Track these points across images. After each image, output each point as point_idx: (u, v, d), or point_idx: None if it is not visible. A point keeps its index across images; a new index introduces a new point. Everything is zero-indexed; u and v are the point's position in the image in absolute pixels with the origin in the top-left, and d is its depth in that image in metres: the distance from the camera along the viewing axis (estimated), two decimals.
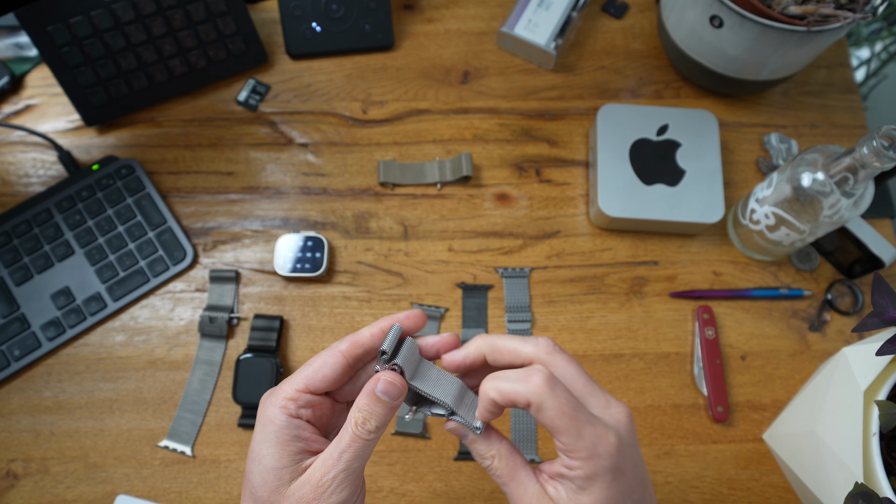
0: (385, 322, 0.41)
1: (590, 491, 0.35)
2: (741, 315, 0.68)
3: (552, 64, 0.75)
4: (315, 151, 0.73)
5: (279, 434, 0.37)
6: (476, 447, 0.39)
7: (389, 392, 0.38)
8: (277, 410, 0.38)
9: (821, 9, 0.59)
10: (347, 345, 0.40)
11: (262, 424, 0.38)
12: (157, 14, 0.70)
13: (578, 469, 0.35)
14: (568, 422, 0.35)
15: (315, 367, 0.39)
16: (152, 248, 0.68)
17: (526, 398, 0.35)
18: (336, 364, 0.39)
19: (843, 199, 0.56)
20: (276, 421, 0.37)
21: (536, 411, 0.35)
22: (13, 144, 0.73)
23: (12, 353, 0.64)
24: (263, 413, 0.38)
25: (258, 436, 0.38)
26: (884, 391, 0.48)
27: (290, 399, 0.38)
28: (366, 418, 0.37)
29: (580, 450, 0.35)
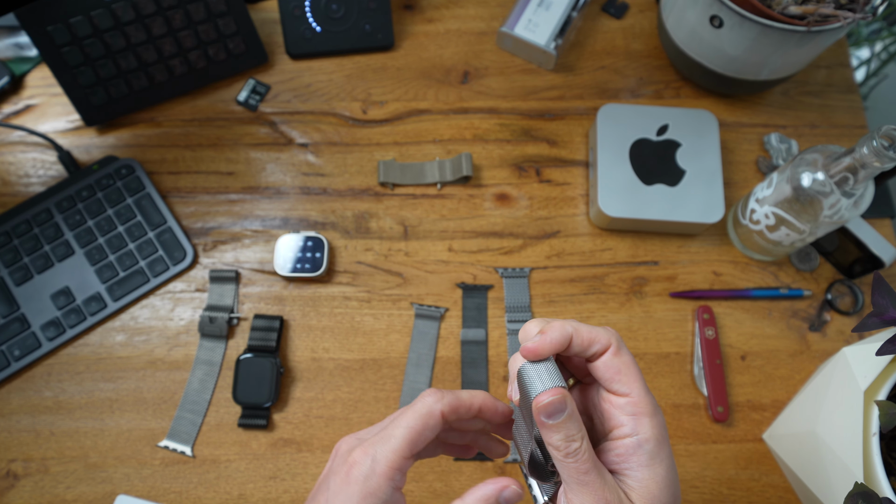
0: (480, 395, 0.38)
1: (661, 458, 0.34)
2: (741, 315, 0.68)
3: (552, 64, 0.75)
4: (315, 151, 0.73)
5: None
6: (570, 424, 0.33)
7: (512, 501, 0.35)
8: (384, 482, 0.34)
9: (821, 9, 0.59)
10: (449, 408, 0.36)
11: (364, 494, 0.34)
12: (157, 14, 0.70)
13: (649, 429, 0.34)
14: (638, 374, 0.35)
15: (417, 429, 0.36)
16: (152, 248, 0.68)
17: (606, 341, 0.35)
18: (437, 427, 0.36)
19: (843, 199, 0.56)
20: (381, 494, 0.34)
21: (615, 353, 0.35)
22: (13, 144, 0.73)
23: (12, 353, 0.64)
24: (367, 480, 0.34)
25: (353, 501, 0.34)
26: (884, 391, 0.48)
27: (399, 469, 0.35)
28: None
29: (648, 404, 0.34)
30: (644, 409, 0.34)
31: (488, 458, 0.62)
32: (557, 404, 0.33)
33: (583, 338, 0.35)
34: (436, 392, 0.37)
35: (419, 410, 0.36)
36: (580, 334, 0.35)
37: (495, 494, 0.35)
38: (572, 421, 0.33)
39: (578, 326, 0.36)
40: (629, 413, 0.34)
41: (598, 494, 0.33)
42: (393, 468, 0.35)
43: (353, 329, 0.67)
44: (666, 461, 0.34)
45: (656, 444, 0.33)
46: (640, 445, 0.34)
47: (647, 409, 0.34)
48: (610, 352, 0.35)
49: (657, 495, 0.33)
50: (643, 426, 0.34)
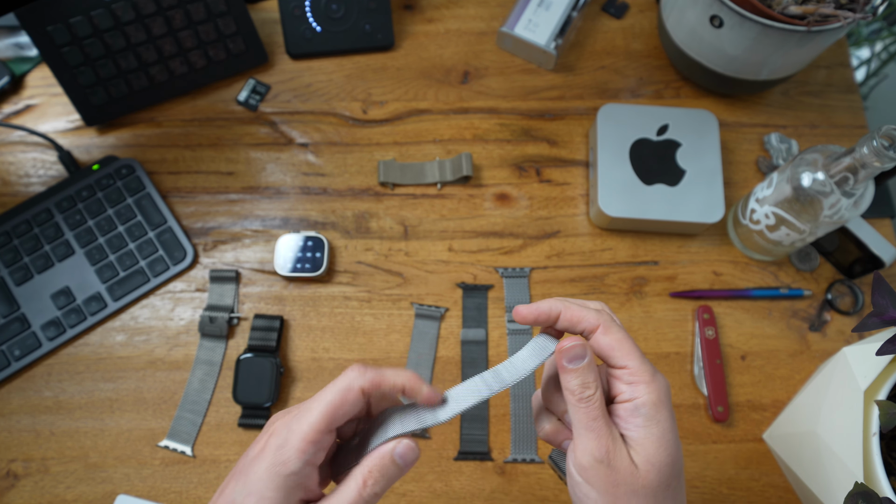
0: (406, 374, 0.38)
1: (658, 419, 0.36)
2: (741, 315, 0.68)
3: (552, 64, 0.75)
4: (315, 151, 0.73)
5: (288, 480, 0.34)
6: (586, 372, 0.37)
7: (408, 457, 0.36)
8: (295, 454, 0.34)
9: (821, 9, 0.59)
10: (369, 383, 0.37)
11: (275, 462, 0.34)
12: (157, 14, 0.70)
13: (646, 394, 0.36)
14: (633, 345, 0.38)
15: (335, 403, 0.36)
16: (152, 248, 0.68)
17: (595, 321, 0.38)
18: (357, 402, 0.37)
19: (843, 198, 0.56)
20: (291, 465, 0.34)
21: (605, 332, 0.38)
22: (13, 144, 0.73)
23: (12, 353, 0.64)
24: (280, 449, 0.35)
25: (262, 470, 0.34)
26: (884, 391, 0.48)
27: (312, 442, 0.35)
28: (376, 480, 0.35)
29: (645, 372, 0.36)
30: (641, 378, 0.37)
31: (481, 457, 0.62)
32: (579, 349, 0.37)
33: (571, 315, 0.39)
34: (359, 367, 0.37)
35: (339, 385, 0.37)
36: (569, 311, 0.39)
37: (390, 451, 0.36)
38: (590, 369, 0.37)
39: (569, 304, 0.39)
40: (627, 382, 0.37)
41: (602, 441, 0.36)
42: (306, 441, 0.35)
43: (354, 329, 0.67)
44: (663, 423, 0.36)
45: (652, 407, 0.36)
46: (637, 408, 0.36)
47: (644, 376, 0.37)
48: (599, 331, 0.38)
49: (653, 453, 0.36)
50: (640, 391, 0.36)
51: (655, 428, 0.36)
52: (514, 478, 0.62)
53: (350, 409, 0.36)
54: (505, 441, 0.63)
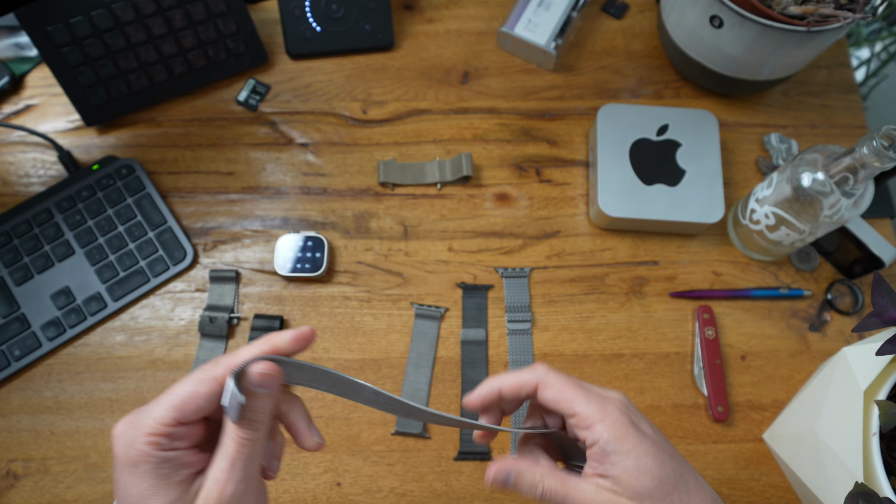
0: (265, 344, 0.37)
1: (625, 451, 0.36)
2: (741, 315, 0.68)
3: (552, 64, 0.75)
4: (315, 151, 0.73)
5: (156, 470, 0.33)
6: (523, 481, 0.38)
7: (266, 383, 0.35)
8: (146, 448, 0.33)
9: (821, 9, 0.59)
10: (223, 370, 0.36)
11: (131, 465, 0.33)
12: (157, 14, 0.70)
13: (602, 434, 0.36)
14: (575, 390, 0.38)
15: (185, 396, 0.35)
16: (152, 248, 0.68)
17: (533, 380, 0.39)
18: (210, 393, 0.35)
19: (843, 199, 0.56)
20: (150, 459, 0.33)
21: (543, 389, 0.38)
22: (13, 144, 0.73)
23: (12, 353, 0.64)
24: (128, 452, 0.34)
25: (128, 479, 0.33)
26: (884, 391, 0.48)
27: (160, 435, 0.34)
28: (250, 421, 0.35)
29: (594, 412, 0.37)
30: (591, 419, 0.37)
31: (481, 457, 0.62)
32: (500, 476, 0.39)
33: (509, 384, 0.40)
34: (215, 359, 0.36)
35: (192, 377, 0.36)
36: (506, 381, 0.40)
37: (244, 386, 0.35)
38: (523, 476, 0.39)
39: (505, 377, 0.40)
40: (582, 428, 0.37)
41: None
42: (154, 434, 0.34)
43: (353, 329, 0.67)
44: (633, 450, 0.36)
45: (615, 442, 0.36)
46: (603, 449, 0.36)
47: (594, 417, 0.37)
48: (540, 389, 0.39)
49: (635, 485, 0.36)
50: (596, 433, 0.37)
51: (627, 460, 0.36)
52: None
53: (203, 402, 0.35)
54: (505, 441, 0.63)
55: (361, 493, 0.61)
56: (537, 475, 0.38)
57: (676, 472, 0.37)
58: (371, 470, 0.62)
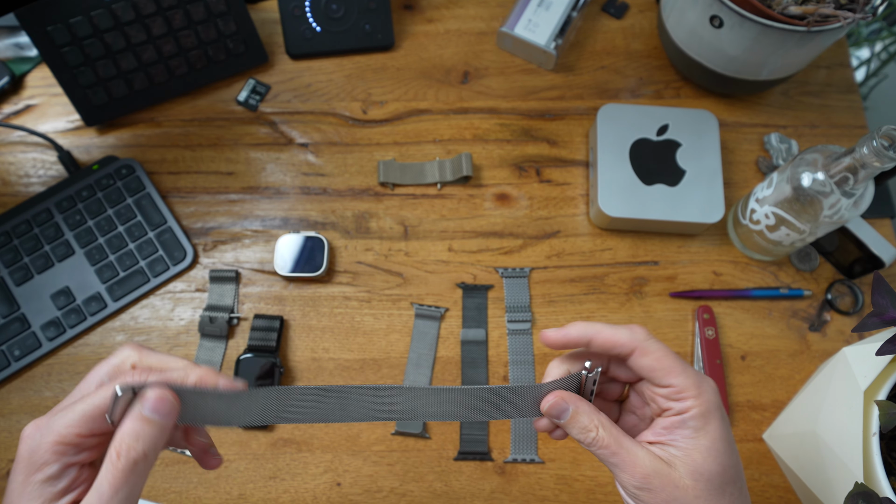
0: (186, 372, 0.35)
1: (706, 430, 0.36)
2: (741, 315, 0.68)
3: (552, 64, 0.75)
4: (315, 151, 0.73)
5: (45, 487, 0.31)
6: (578, 420, 0.37)
7: (161, 408, 0.32)
8: (50, 456, 0.31)
9: (821, 9, 0.59)
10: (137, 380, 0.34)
11: (28, 471, 0.31)
12: (157, 14, 0.70)
13: (693, 408, 0.36)
14: (674, 361, 0.37)
15: (99, 405, 0.32)
16: (152, 248, 0.68)
17: (631, 342, 0.37)
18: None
19: (843, 198, 0.56)
20: (46, 469, 0.31)
21: (641, 355, 0.37)
22: (13, 144, 0.73)
23: (12, 353, 0.64)
24: (31, 456, 0.31)
25: (17, 485, 0.31)
26: (884, 391, 0.48)
27: (68, 444, 0.31)
28: (130, 446, 0.31)
29: (691, 387, 0.36)
30: (686, 393, 0.36)
31: (481, 457, 0.62)
32: (558, 405, 0.38)
33: (604, 339, 0.38)
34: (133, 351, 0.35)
35: (102, 391, 0.33)
36: (601, 335, 0.38)
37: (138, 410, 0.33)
38: (581, 415, 0.37)
39: (601, 329, 0.38)
40: (674, 399, 0.37)
41: (634, 471, 0.36)
42: (59, 442, 0.31)
43: (353, 329, 0.67)
44: (712, 432, 0.36)
45: (700, 418, 0.36)
46: (685, 422, 0.36)
47: (690, 391, 0.36)
48: (636, 355, 0.38)
49: (700, 463, 0.35)
50: (686, 405, 0.36)
51: (704, 439, 0.36)
52: (514, 478, 0.62)
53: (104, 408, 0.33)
54: (505, 441, 0.63)
55: (361, 493, 0.61)
56: (595, 420, 0.37)
57: (737, 467, 0.37)
58: (371, 470, 0.62)
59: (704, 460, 0.35)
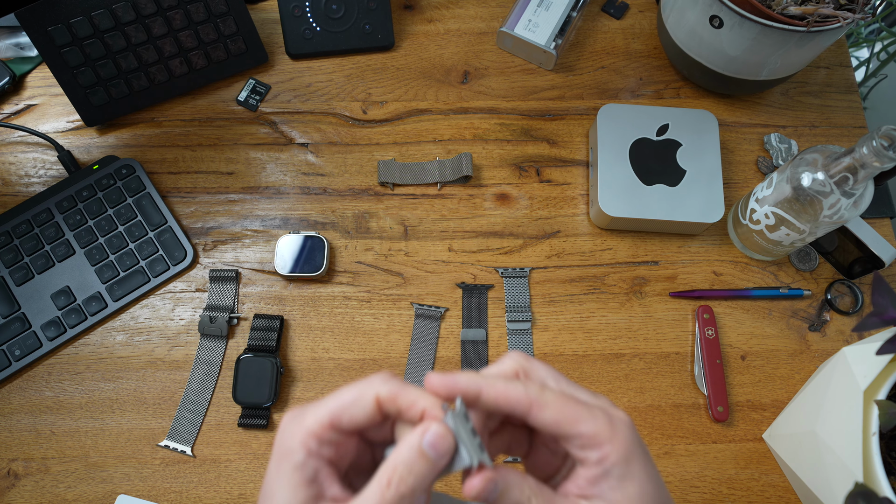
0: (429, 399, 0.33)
1: (632, 475, 0.32)
2: (741, 315, 0.68)
3: (552, 64, 0.75)
4: (315, 151, 0.73)
5: (294, 474, 0.32)
6: (509, 496, 0.32)
7: (439, 446, 0.31)
8: (298, 444, 0.32)
9: (820, 9, 0.60)
10: (388, 394, 0.33)
11: (279, 457, 0.32)
12: (157, 14, 0.70)
13: (612, 454, 0.32)
14: (575, 408, 0.32)
15: (345, 403, 0.33)
16: (152, 248, 0.68)
17: (525, 401, 0.32)
18: (367, 409, 0.33)
19: (843, 198, 0.56)
20: (294, 457, 0.32)
21: (539, 410, 0.32)
22: (13, 144, 0.73)
23: (13, 353, 0.64)
24: (282, 442, 0.33)
25: (273, 468, 0.32)
26: (884, 391, 0.48)
27: (314, 435, 0.32)
28: (402, 477, 0.30)
29: (602, 432, 0.32)
30: (599, 438, 0.32)
31: None
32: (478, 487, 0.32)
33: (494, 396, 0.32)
34: (385, 375, 0.34)
35: (356, 386, 0.33)
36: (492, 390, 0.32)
37: (417, 440, 0.31)
38: (511, 489, 0.32)
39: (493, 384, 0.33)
40: (587, 448, 0.32)
41: None
42: (307, 433, 0.32)
43: (353, 329, 0.67)
44: (639, 476, 0.32)
45: (623, 465, 0.32)
46: (607, 472, 0.32)
47: (603, 435, 0.32)
48: (535, 410, 0.32)
49: None
50: (603, 453, 0.32)
51: (631, 486, 0.32)
52: None
53: (359, 413, 0.33)
54: None
55: None
56: (525, 491, 0.33)
57: (666, 501, 0.34)
58: None
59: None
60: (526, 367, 0.35)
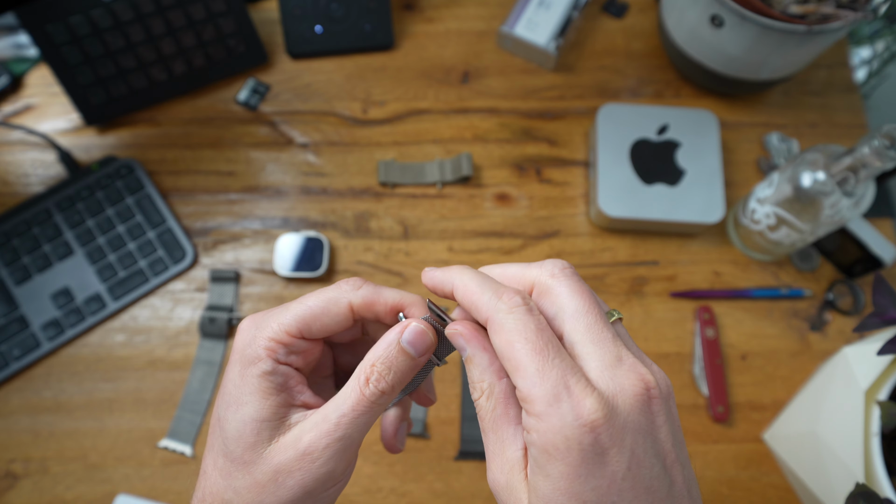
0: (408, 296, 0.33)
1: (547, 473, 0.25)
2: (741, 315, 0.68)
3: (552, 64, 0.75)
4: (315, 151, 0.73)
5: (261, 382, 0.30)
6: (472, 370, 0.29)
7: (418, 343, 0.30)
8: (263, 351, 0.31)
9: (821, 9, 0.59)
10: (361, 301, 0.32)
11: (243, 363, 0.31)
12: (156, 14, 0.70)
13: (533, 433, 0.25)
14: (529, 355, 0.25)
15: (314, 310, 0.31)
16: (152, 248, 0.68)
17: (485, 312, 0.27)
18: (342, 318, 0.32)
19: (844, 198, 0.56)
20: (260, 365, 0.30)
21: (493, 331, 0.27)
22: (13, 144, 0.73)
23: (12, 353, 0.64)
24: (246, 349, 0.31)
25: (235, 376, 0.31)
26: (885, 391, 0.47)
27: (280, 342, 0.31)
28: (381, 374, 0.30)
29: (537, 400, 0.25)
30: (531, 406, 0.25)
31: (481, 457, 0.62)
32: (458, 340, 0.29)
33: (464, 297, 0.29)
34: (357, 281, 0.32)
35: (325, 294, 0.32)
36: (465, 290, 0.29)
37: (396, 337, 0.30)
38: (472, 367, 0.29)
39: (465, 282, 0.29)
40: (524, 404, 0.26)
41: (491, 470, 0.28)
42: (273, 339, 0.31)
43: None
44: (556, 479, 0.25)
45: (541, 453, 0.25)
46: (529, 445, 0.26)
47: (536, 405, 0.25)
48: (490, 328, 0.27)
49: None
50: (529, 425, 0.26)
51: (543, 483, 0.25)
52: None
53: (331, 322, 0.32)
54: None
55: (361, 493, 0.61)
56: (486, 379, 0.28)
57: None
58: (371, 470, 0.62)
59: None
60: (547, 287, 0.28)
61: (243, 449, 0.29)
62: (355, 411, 0.29)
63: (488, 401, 0.28)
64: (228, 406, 0.30)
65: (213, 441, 0.31)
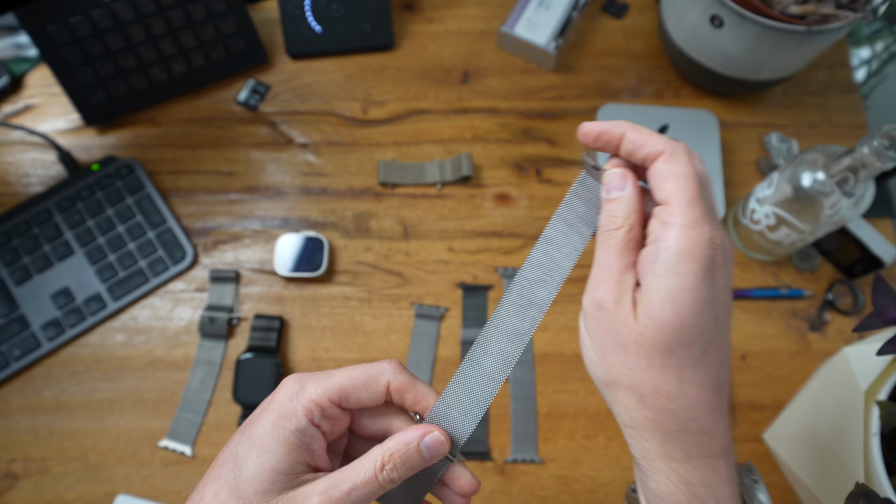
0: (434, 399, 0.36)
1: (677, 271, 0.30)
2: (741, 315, 0.68)
3: (552, 64, 0.75)
4: (315, 151, 0.73)
5: (292, 437, 0.32)
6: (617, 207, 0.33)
7: (434, 451, 0.34)
8: (301, 409, 0.33)
9: (821, 9, 0.59)
10: (399, 385, 0.35)
11: (280, 415, 0.33)
12: (156, 14, 0.70)
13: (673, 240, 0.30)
14: (690, 183, 0.31)
15: (356, 382, 0.34)
16: (152, 248, 0.68)
17: (660, 148, 0.32)
18: (377, 394, 0.35)
19: (844, 198, 0.56)
20: (296, 420, 0.33)
21: (665, 160, 0.32)
22: (13, 144, 0.73)
23: (12, 353, 0.64)
24: (284, 403, 0.33)
25: (268, 423, 0.33)
26: (884, 391, 0.47)
27: (319, 405, 0.33)
28: (395, 465, 0.33)
29: (685, 214, 0.30)
30: (677, 220, 0.30)
31: (481, 457, 0.62)
32: (616, 179, 0.33)
33: (635, 137, 0.33)
34: (398, 365, 0.36)
35: (368, 368, 0.35)
36: (634, 132, 0.33)
37: (417, 438, 0.33)
38: (623, 204, 0.33)
39: (636, 128, 0.33)
40: (661, 221, 0.31)
41: (603, 283, 0.32)
42: (314, 401, 0.33)
43: (353, 329, 0.67)
44: (684, 278, 0.30)
45: (675, 256, 0.30)
46: (658, 254, 0.31)
47: (682, 219, 0.30)
48: (661, 159, 0.32)
49: (656, 307, 0.30)
50: (668, 235, 0.30)
51: (670, 280, 0.30)
52: (513, 478, 0.62)
53: (367, 397, 0.34)
54: (505, 441, 0.63)
55: None
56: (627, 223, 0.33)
57: (703, 333, 0.30)
58: None
59: (661, 305, 0.30)
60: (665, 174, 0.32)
61: (253, 492, 0.31)
62: (366, 487, 0.32)
63: (627, 234, 0.33)
64: (252, 448, 0.32)
65: (222, 473, 0.32)
